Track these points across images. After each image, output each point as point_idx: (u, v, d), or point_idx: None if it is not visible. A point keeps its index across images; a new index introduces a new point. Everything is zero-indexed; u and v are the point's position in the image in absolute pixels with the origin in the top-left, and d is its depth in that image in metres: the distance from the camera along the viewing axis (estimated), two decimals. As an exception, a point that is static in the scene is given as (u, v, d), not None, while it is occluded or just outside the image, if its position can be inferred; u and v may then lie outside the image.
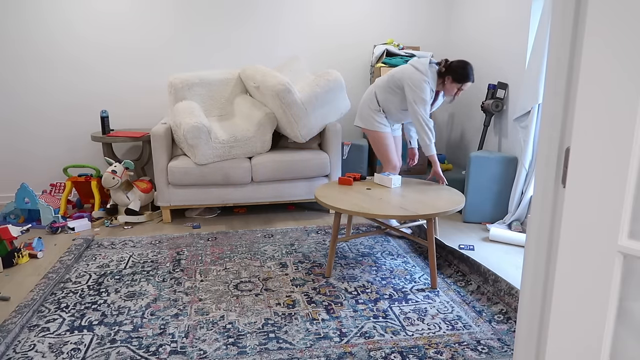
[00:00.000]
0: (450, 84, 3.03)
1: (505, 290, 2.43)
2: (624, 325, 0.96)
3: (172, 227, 3.59)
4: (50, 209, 3.49)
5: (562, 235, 0.99)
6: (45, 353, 2.01)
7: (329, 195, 2.71)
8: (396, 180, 2.92)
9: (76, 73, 4.12)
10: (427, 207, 2.50)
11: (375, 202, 2.57)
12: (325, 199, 2.64)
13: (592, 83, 0.91)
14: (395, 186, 2.91)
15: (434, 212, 2.44)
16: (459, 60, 3.04)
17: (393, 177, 2.91)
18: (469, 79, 3.00)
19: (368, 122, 3.26)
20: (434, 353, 2.01)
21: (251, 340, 2.10)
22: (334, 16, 4.42)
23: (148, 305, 2.41)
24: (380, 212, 2.41)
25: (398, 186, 2.93)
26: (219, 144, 3.51)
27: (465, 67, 2.99)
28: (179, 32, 4.20)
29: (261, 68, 3.75)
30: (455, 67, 3.01)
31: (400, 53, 4.13)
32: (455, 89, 3.05)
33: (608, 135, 0.90)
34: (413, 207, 2.50)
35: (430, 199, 2.66)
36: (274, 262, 2.93)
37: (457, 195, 2.74)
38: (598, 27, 0.89)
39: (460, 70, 2.99)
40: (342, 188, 2.88)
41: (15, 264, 2.88)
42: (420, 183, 3.04)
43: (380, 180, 2.97)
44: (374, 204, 2.53)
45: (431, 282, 2.59)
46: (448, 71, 3.01)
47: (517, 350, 1.25)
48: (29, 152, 4.20)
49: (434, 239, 2.55)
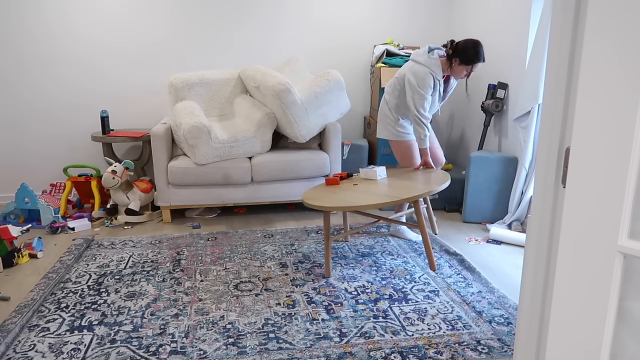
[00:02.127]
0: (457, 66, 2.87)
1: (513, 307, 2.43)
2: (624, 325, 0.96)
3: (172, 227, 3.59)
4: (50, 209, 3.49)
5: (562, 235, 0.99)
6: (45, 353, 2.01)
7: (315, 197, 2.71)
8: (381, 172, 2.92)
9: (76, 73, 4.12)
10: (410, 190, 2.50)
11: (361, 195, 2.57)
12: (312, 200, 2.64)
13: (592, 83, 0.91)
14: (381, 177, 2.92)
15: (416, 193, 2.44)
16: (466, 40, 2.84)
17: (377, 169, 2.91)
18: (478, 59, 2.81)
19: (390, 133, 3.17)
20: (434, 353, 2.01)
21: (251, 340, 2.10)
22: (334, 16, 4.42)
23: (148, 305, 2.41)
24: (365, 203, 2.41)
25: (384, 177, 2.93)
26: (219, 144, 3.51)
27: (473, 47, 2.80)
28: (179, 32, 4.20)
29: (261, 68, 3.75)
30: (462, 48, 2.83)
31: (400, 53, 4.13)
32: (465, 72, 2.88)
33: (608, 135, 0.90)
34: (396, 192, 2.51)
35: (415, 182, 2.67)
36: (274, 262, 2.93)
37: (442, 175, 2.74)
38: (598, 27, 0.89)
39: (468, 51, 2.81)
40: (329, 188, 2.88)
41: (15, 264, 2.88)
42: (407, 171, 3.06)
43: (366, 175, 2.97)
44: (360, 197, 2.53)
45: (429, 265, 2.59)
46: (455, 53, 2.85)
47: (517, 351, 1.25)
48: (29, 152, 4.20)
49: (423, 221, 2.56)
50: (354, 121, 4.69)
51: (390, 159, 4.12)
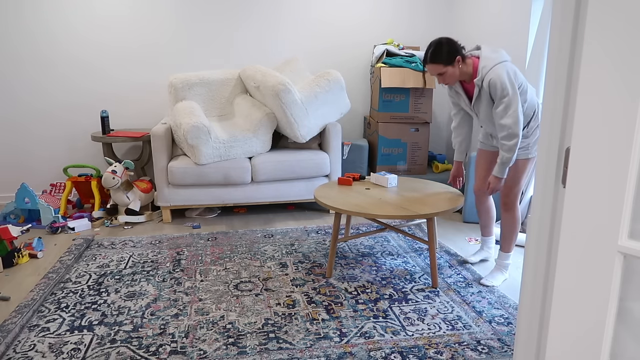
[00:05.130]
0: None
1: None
2: (624, 325, 0.96)
3: (172, 227, 3.59)
4: (50, 209, 3.49)
5: (562, 235, 0.99)
6: (45, 353, 2.01)
7: (328, 196, 2.71)
8: (392, 180, 2.92)
9: (76, 73, 4.12)
10: (426, 207, 2.50)
11: (376, 202, 2.57)
12: (325, 199, 2.64)
13: (592, 83, 0.91)
14: (392, 185, 2.92)
15: (433, 211, 2.44)
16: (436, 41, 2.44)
17: (389, 176, 2.91)
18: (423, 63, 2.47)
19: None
20: (434, 353, 2.01)
21: (251, 340, 2.10)
22: (334, 16, 4.42)
23: (148, 305, 2.41)
24: (381, 213, 2.41)
25: (394, 185, 2.93)
26: (219, 144, 3.51)
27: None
28: (179, 32, 4.20)
29: (261, 68, 3.75)
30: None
31: (400, 53, 4.13)
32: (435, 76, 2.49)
33: (608, 135, 0.90)
34: (413, 206, 2.50)
35: (430, 198, 2.66)
36: (274, 262, 2.92)
37: (455, 194, 2.74)
38: (598, 27, 0.89)
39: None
40: (341, 188, 2.88)
41: (15, 264, 2.88)
42: (416, 182, 3.05)
43: (377, 180, 2.97)
44: (375, 204, 2.53)
45: (432, 282, 2.59)
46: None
47: (517, 351, 1.25)
48: (29, 152, 4.20)
49: (434, 238, 2.54)
50: (354, 121, 4.69)
51: (390, 159, 4.12)
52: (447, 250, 3.09)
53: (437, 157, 4.43)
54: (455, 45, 2.39)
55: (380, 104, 4.05)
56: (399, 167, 4.16)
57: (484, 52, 2.40)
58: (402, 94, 4.05)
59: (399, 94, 4.05)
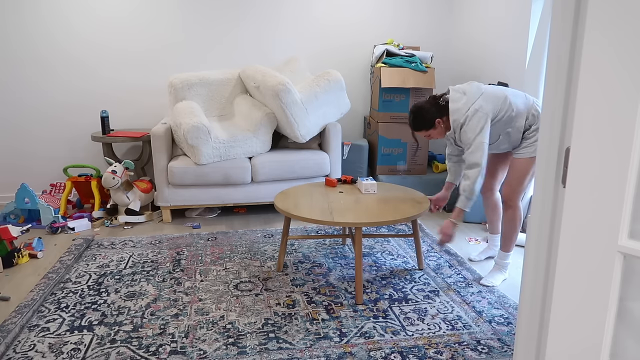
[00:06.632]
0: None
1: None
2: (624, 325, 0.96)
3: (172, 227, 3.59)
4: (50, 209, 3.49)
5: (562, 235, 0.99)
6: (45, 353, 2.01)
7: (289, 193, 2.80)
8: (369, 187, 2.82)
9: (76, 73, 4.12)
10: (367, 216, 2.40)
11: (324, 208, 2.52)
12: (281, 196, 2.73)
13: (592, 83, 0.91)
14: (366, 191, 2.82)
15: (360, 221, 2.34)
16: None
17: (364, 182, 2.83)
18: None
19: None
20: (434, 353, 2.01)
21: (251, 340, 2.10)
22: (334, 16, 4.42)
23: (148, 305, 2.41)
24: (309, 217, 2.38)
25: (371, 192, 2.82)
26: (219, 144, 3.51)
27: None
28: (179, 32, 4.20)
29: (261, 68, 3.75)
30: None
31: (400, 53, 4.13)
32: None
33: (608, 135, 0.90)
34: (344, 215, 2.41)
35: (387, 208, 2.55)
36: (274, 262, 2.92)
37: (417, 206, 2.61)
38: (598, 26, 0.89)
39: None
40: (317, 189, 2.89)
41: (15, 264, 2.88)
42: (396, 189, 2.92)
43: (359, 185, 2.93)
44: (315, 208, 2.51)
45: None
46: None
47: (517, 351, 1.25)
48: (29, 152, 4.19)
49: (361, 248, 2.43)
50: (354, 121, 4.69)
51: (391, 159, 4.12)
52: (447, 250, 3.09)
53: (437, 157, 4.42)
54: (431, 109, 2.50)
55: (380, 104, 4.05)
56: (399, 167, 4.16)
57: (451, 102, 2.47)
58: (402, 94, 4.05)
59: (399, 94, 4.05)
